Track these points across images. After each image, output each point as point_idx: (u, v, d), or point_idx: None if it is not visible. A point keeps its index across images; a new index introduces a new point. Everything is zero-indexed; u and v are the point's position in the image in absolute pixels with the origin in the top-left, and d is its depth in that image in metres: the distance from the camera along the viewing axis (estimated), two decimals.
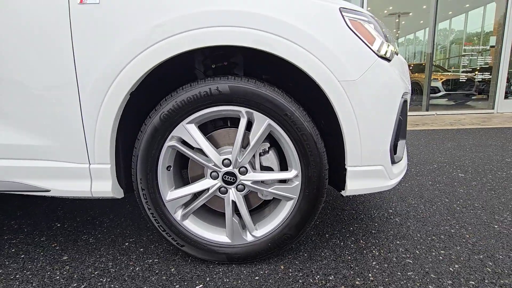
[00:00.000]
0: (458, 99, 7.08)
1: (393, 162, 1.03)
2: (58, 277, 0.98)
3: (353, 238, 1.18)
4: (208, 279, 0.95)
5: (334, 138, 0.99)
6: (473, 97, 6.75)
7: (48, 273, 1.00)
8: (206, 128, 1.07)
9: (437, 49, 6.52)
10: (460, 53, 8.93)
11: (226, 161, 0.97)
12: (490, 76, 5.97)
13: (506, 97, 5.73)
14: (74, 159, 0.95)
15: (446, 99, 7.22)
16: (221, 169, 0.97)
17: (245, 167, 0.97)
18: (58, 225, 1.36)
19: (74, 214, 1.47)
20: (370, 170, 0.97)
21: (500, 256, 1.04)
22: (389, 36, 1.06)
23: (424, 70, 7.71)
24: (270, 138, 1.03)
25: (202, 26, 0.84)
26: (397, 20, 11.11)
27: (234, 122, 1.08)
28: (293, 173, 0.96)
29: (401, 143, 1.12)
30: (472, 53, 6.21)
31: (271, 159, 1.02)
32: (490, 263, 1.00)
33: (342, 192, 1.01)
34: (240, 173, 0.97)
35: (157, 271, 1.00)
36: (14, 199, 1.68)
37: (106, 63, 0.87)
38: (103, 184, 0.97)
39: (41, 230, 1.31)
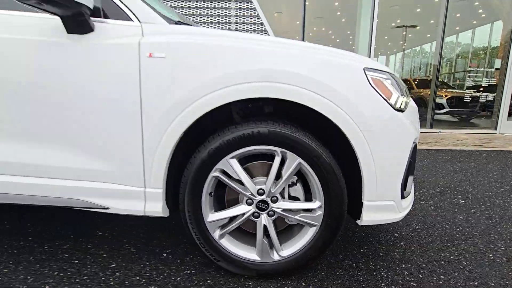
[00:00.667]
0: (462, 117, 7.24)
1: (403, 197, 1.19)
2: (112, 283, 1.14)
3: (363, 260, 1.34)
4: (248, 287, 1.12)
5: (352, 172, 1.16)
6: (476, 116, 6.90)
7: (103, 278, 1.17)
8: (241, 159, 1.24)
9: (443, 62, 6.59)
10: (466, 69, 9.08)
11: (260, 190, 1.13)
12: (494, 95, 6.11)
13: (509, 115, 5.86)
14: (133, 184, 1.12)
15: (450, 115, 7.35)
16: (256, 197, 1.14)
17: (276, 197, 1.14)
18: (100, 233, 1.53)
19: (112, 223, 1.63)
20: (383, 204, 1.13)
21: (492, 284, 1.19)
22: (403, 88, 1.23)
23: (429, 85, 7.88)
24: (297, 171, 1.19)
25: (253, 80, 1.02)
26: (404, 32, 11.29)
27: (264, 155, 1.24)
28: (317, 204, 1.13)
29: (410, 179, 1.28)
30: (477, 74, 6.35)
31: (298, 190, 1.18)
32: None
33: (358, 222, 1.17)
34: (272, 202, 1.14)
35: (195, 282, 1.16)
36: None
37: (168, 106, 1.05)
38: (155, 205, 1.14)
39: (85, 238, 1.48)
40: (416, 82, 9.20)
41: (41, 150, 1.11)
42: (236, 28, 5.58)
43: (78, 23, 1.04)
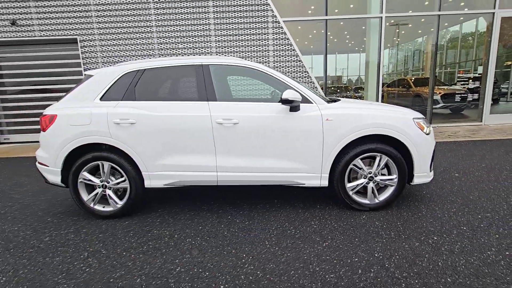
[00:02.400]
0: (454, 111, 8.77)
1: (430, 170, 2.70)
2: (306, 211, 2.63)
3: (414, 203, 2.85)
4: (364, 215, 2.61)
5: (408, 161, 2.65)
6: (466, 110, 8.46)
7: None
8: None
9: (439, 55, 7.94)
10: (455, 61, 10.58)
11: (369, 171, 2.63)
12: (479, 94, 7.63)
13: (492, 109, 7.41)
14: (316, 172, 2.61)
15: (444, 109, 8.86)
16: (367, 175, 2.63)
17: (376, 174, 2.64)
18: (276, 200, 3.02)
19: (280, 196, 3.12)
20: (422, 174, 2.65)
21: (471, 206, 2.71)
22: (428, 122, 2.71)
23: (424, 83, 9.45)
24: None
25: (371, 127, 2.51)
26: (397, 30, 12.73)
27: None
28: (395, 176, 2.63)
29: (432, 162, 2.78)
30: (464, 79, 7.88)
31: (384, 171, 2.68)
32: (466, 208, 2.67)
33: (411, 183, 2.68)
34: (374, 176, 2.64)
35: (341, 212, 2.65)
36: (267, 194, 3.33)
37: (333, 138, 2.54)
38: (324, 182, 2.64)
39: (269, 207, 2.97)
40: (412, 81, 10.73)
41: (279, 161, 2.60)
42: (273, 53, 7.04)
43: (295, 107, 2.52)
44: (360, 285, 1.71)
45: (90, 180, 2.67)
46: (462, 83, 8.32)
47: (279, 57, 7.07)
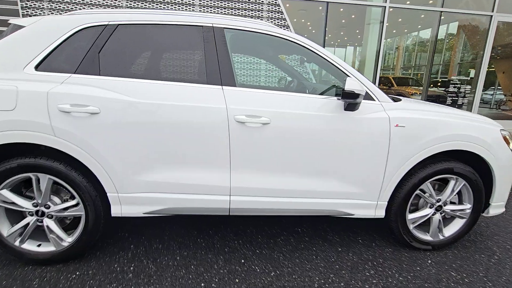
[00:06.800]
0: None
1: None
2: (360, 245, 1.87)
3: (485, 243, 2.23)
4: (426, 257, 1.92)
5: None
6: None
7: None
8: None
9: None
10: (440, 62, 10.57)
11: (438, 199, 1.92)
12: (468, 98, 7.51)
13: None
14: (371, 199, 1.83)
15: None
16: (435, 204, 1.93)
17: (446, 202, 1.94)
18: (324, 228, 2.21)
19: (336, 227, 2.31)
20: (499, 204, 2.00)
21: None
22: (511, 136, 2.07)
23: (406, 83, 9.32)
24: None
25: (449, 140, 1.78)
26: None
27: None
28: (468, 206, 1.96)
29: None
30: (457, 82, 7.70)
31: (455, 198, 2.00)
32: None
33: (484, 214, 2.03)
34: (443, 205, 1.94)
35: (396, 253, 1.94)
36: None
37: (404, 154, 1.76)
38: (380, 211, 1.87)
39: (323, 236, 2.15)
40: (396, 80, 10.53)
41: (323, 182, 1.76)
42: None
43: (355, 105, 1.68)
44: None
45: (13, 203, 1.60)
46: (454, 87, 8.14)
47: None
